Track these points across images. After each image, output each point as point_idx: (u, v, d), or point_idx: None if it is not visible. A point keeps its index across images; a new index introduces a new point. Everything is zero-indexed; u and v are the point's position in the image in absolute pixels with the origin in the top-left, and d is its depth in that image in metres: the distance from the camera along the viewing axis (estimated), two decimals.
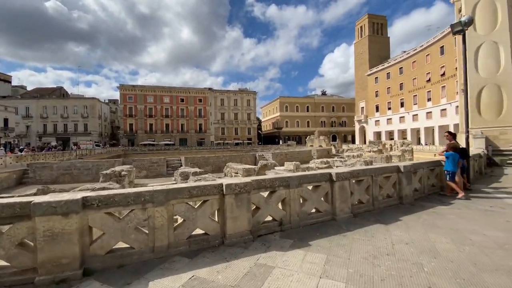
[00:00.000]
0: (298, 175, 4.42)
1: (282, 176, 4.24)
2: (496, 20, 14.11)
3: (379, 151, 35.10)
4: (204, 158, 24.16)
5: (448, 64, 45.63)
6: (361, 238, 3.87)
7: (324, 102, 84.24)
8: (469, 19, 7.74)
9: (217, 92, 74.77)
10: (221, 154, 30.79)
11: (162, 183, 16.75)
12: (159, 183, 17.26)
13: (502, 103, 14.24)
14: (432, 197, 6.58)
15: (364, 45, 69.11)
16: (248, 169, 16.10)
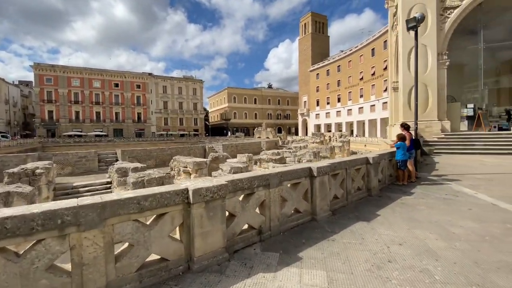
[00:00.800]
0: (279, 171, 3.67)
1: (261, 174, 3.42)
2: (426, 25, 15.90)
3: (321, 142, 37.53)
4: (146, 151, 21.53)
5: (378, 65, 51.34)
6: (352, 242, 3.38)
7: (270, 95, 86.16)
8: (422, 16, 8.13)
9: (158, 78, 68.62)
10: (166, 146, 28.19)
11: (91, 181, 14.06)
12: (88, 180, 14.49)
13: (428, 100, 16.29)
14: (392, 187, 6.74)
15: (308, 41, 72.55)
16: (199, 163, 14.82)
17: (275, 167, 15.28)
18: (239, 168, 12.20)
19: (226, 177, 3.20)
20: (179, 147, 24.56)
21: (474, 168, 9.28)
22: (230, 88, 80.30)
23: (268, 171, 3.59)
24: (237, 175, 3.31)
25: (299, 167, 4.02)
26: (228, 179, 3.09)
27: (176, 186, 2.65)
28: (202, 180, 3.05)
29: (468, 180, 7.19)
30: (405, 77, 16.85)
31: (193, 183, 2.85)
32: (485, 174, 8.03)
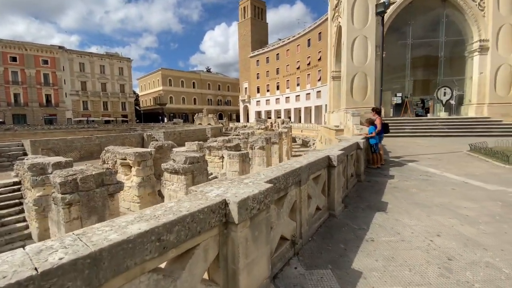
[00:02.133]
0: (308, 163, 2.88)
1: (293, 169, 2.57)
2: (367, 18, 17.10)
3: (265, 129, 38.12)
4: (65, 141, 17.39)
5: (313, 56, 54.57)
6: (392, 240, 2.94)
7: (210, 80, 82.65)
8: (388, 1, 8.25)
9: (73, 54, 57.00)
10: (93, 135, 23.68)
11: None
12: None
13: (367, 88, 17.87)
14: (370, 170, 6.82)
15: (247, 26, 71.54)
16: (143, 154, 12.73)
17: (232, 155, 14.40)
18: (195, 158, 10.89)
19: (259, 176, 2.25)
20: (110, 136, 20.86)
21: (416, 149, 10.43)
22: (165, 69, 73.35)
23: (297, 164, 2.76)
24: (269, 172, 2.38)
25: (320, 156, 3.33)
26: (261, 177, 2.16)
27: (210, 200, 1.58)
28: (221, 182, 2.03)
29: (423, 160, 7.89)
30: (348, 66, 17.95)
31: (224, 188, 1.82)
32: (430, 154, 9.04)
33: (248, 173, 14.96)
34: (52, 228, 7.16)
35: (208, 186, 1.89)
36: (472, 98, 17.77)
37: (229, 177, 9.34)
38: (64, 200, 6.65)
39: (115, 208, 7.88)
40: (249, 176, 2.18)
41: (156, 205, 1.52)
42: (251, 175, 2.25)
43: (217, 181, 2.01)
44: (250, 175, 2.24)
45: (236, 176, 13.06)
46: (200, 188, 1.86)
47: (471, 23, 17.26)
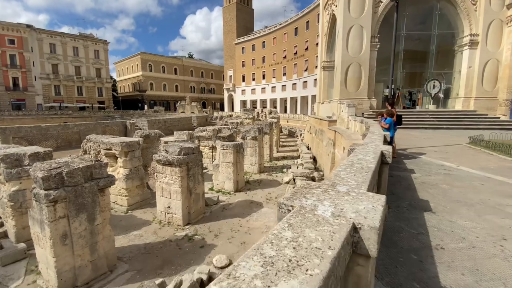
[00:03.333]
0: (376, 162, 2.42)
1: (374, 170, 2.10)
2: (364, 6, 16.76)
3: (253, 119, 37.52)
4: (40, 128, 15.76)
5: (300, 45, 53.96)
6: (463, 247, 2.63)
7: (193, 66, 79.67)
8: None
9: (43, 33, 52.08)
10: (70, 122, 21.85)
11: None
12: None
13: (360, 79, 17.76)
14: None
15: (232, 11, 69.08)
16: (130, 144, 11.78)
17: (226, 146, 13.78)
18: (190, 149, 10.18)
19: (342, 179, 1.75)
20: (89, 124, 19.28)
21: (415, 141, 10.44)
22: (144, 53, 69.45)
23: (372, 164, 2.30)
24: (350, 173, 1.90)
25: (378, 152, 2.90)
26: (352, 183, 1.67)
27: (341, 226, 1.07)
28: (310, 190, 1.52)
29: (430, 153, 7.81)
30: (343, 56, 17.66)
31: (328, 202, 1.31)
32: (432, 146, 9.03)
33: (242, 164, 14.43)
34: (34, 228, 6.28)
35: (302, 199, 1.37)
36: (459, 91, 18.28)
37: (223, 169, 8.89)
38: (49, 197, 5.79)
39: (106, 204, 7.09)
40: (334, 181, 1.68)
41: (267, 238, 0.98)
42: (336, 179, 1.75)
43: (306, 190, 1.49)
44: (335, 179, 1.74)
45: (231, 168, 12.49)
46: (297, 202, 1.33)
47: (463, 17, 17.51)
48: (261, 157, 17.82)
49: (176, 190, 9.48)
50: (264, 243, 0.90)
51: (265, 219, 9.69)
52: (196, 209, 9.97)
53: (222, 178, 13.65)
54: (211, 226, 9.21)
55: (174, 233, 8.77)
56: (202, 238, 8.39)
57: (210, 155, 18.18)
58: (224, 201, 11.77)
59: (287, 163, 19.39)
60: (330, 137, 15.43)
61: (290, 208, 1.25)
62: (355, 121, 12.25)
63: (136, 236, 8.63)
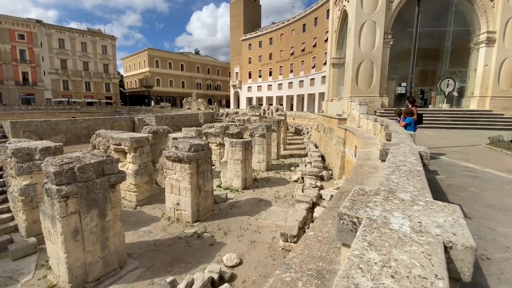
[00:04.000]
0: (421, 165, 2.22)
1: (423, 175, 1.90)
2: (377, 2, 16.31)
3: (259, 116, 37.30)
4: (49, 123, 15.83)
5: (308, 42, 53.26)
6: (507, 257, 2.41)
7: (199, 62, 79.53)
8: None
9: (52, 29, 52.52)
10: (78, 117, 21.97)
11: None
12: None
13: (372, 76, 17.35)
14: None
15: (240, 7, 68.51)
16: (139, 139, 11.75)
17: (234, 143, 13.63)
18: (200, 146, 10.07)
19: (398, 185, 1.56)
20: (98, 119, 19.33)
21: (432, 141, 10.10)
22: (151, 49, 69.55)
23: (419, 166, 2.11)
24: (397, 176, 1.70)
25: (417, 154, 2.69)
26: (411, 189, 1.48)
27: (433, 243, 0.88)
28: (376, 196, 1.33)
29: (450, 153, 7.52)
30: (355, 52, 17.27)
31: (399, 214, 1.12)
32: (451, 147, 8.72)
33: (250, 161, 14.27)
34: (45, 223, 6.24)
35: (367, 209, 1.18)
36: (474, 90, 17.74)
37: (231, 166, 8.72)
38: (60, 193, 5.73)
39: (117, 200, 7.02)
40: (390, 186, 1.49)
41: (351, 262, 0.80)
42: (390, 184, 1.55)
43: (365, 197, 1.30)
44: (389, 184, 1.55)
45: (239, 165, 12.34)
46: (361, 212, 1.14)
47: (479, 13, 16.91)
48: (268, 154, 17.65)
49: (185, 187, 9.39)
50: (351, 268, 0.72)
51: (274, 218, 9.53)
52: (205, 206, 9.87)
53: (230, 175, 13.54)
54: (220, 223, 9.10)
55: (183, 230, 8.69)
56: (211, 235, 8.29)
57: (217, 152, 18.07)
58: (232, 199, 11.66)
59: (295, 161, 19.19)
60: (339, 136, 15.14)
61: (354, 220, 1.07)
62: (368, 120, 11.94)
63: (145, 232, 8.58)
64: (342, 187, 3.87)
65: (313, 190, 10.49)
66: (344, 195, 3.58)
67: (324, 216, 2.87)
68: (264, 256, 7.11)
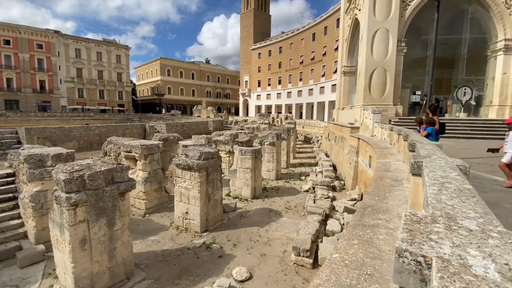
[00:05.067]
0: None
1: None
2: (390, 10, 16.13)
3: (269, 124, 37.19)
4: (63, 129, 16.14)
5: (317, 51, 53.38)
6: None
7: (209, 71, 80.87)
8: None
9: (69, 39, 54.73)
10: (91, 124, 22.41)
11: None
12: None
13: (385, 85, 17.00)
14: None
15: (250, 18, 69.74)
16: (150, 147, 11.72)
17: (244, 151, 13.45)
18: (210, 154, 9.93)
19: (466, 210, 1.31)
20: (110, 126, 19.62)
21: (452, 151, 9.63)
22: (163, 58, 71.30)
23: (468, 184, 1.85)
24: (460, 201, 1.45)
25: (456, 167, 2.42)
26: (475, 215, 1.23)
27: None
28: (442, 229, 1.09)
29: (474, 165, 7.07)
30: (368, 60, 17.01)
31: (477, 252, 0.88)
32: (473, 158, 8.26)
33: (260, 170, 14.01)
34: (54, 231, 6.15)
35: (432, 244, 0.94)
36: (493, 99, 17.09)
37: (241, 175, 8.41)
38: (70, 200, 5.64)
39: (126, 209, 6.89)
40: (446, 210, 1.24)
41: None
42: (444, 206, 1.31)
43: (423, 226, 1.07)
44: (444, 207, 1.30)
45: (249, 174, 12.11)
46: (426, 248, 0.91)
47: (496, 21, 16.45)
48: (278, 163, 17.36)
49: (194, 195, 9.22)
50: None
51: (285, 230, 9.19)
52: (214, 216, 9.65)
53: (239, 184, 13.31)
54: (229, 234, 8.83)
55: (191, 240, 8.47)
56: (220, 247, 8.02)
57: (227, 160, 17.93)
58: (242, 208, 11.39)
59: (305, 170, 18.81)
60: (352, 145, 14.75)
61: (420, 259, 0.84)
62: (383, 128, 11.58)
63: (153, 241, 8.40)
64: (364, 201, 3.58)
65: (325, 201, 10.12)
66: (367, 210, 3.30)
67: (349, 236, 2.61)
68: (275, 270, 6.78)
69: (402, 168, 5.47)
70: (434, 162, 2.51)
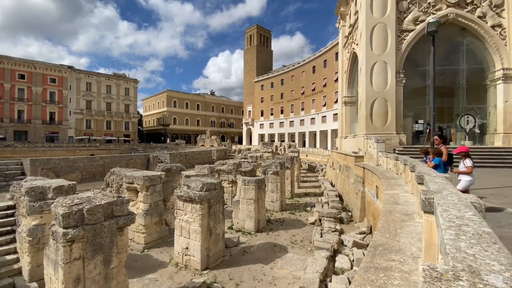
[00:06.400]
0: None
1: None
2: (387, 43, 16.91)
3: (272, 152, 37.17)
4: (67, 161, 16.26)
5: (318, 82, 55.24)
6: None
7: (214, 102, 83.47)
8: (439, 22, 7.69)
9: (81, 73, 57.78)
10: (96, 154, 22.62)
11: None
12: None
13: (387, 114, 17.18)
14: None
15: (253, 53, 73.64)
16: (152, 178, 11.62)
17: (247, 181, 13.25)
18: (212, 185, 9.76)
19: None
20: (114, 156, 19.76)
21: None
22: (170, 91, 74.21)
23: (486, 227, 1.71)
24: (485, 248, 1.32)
25: (469, 205, 2.28)
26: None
27: None
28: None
29: (487, 196, 6.81)
30: (368, 91, 17.42)
31: None
32: (484, 189, 7.98)
33: (263, 201, 13.64)
34: (48, 268, 5.84)
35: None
36: (497, 127, 17.03)
37: (244, 206, 8.13)
38: (66, 236, 5.42)
39: (123, 245, 6.59)
40: (467, 262, 1.11)
41: None
42: (465, 257, 1.18)
43: (444, 285, 0.94)
44: (464, 257, 1.17)
45: (252, 205, 11.77)
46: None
47: (492, 52, 17.05)
48: (282, 193, 16.97)
49: (195, 229, 8.87)
50: None
51: (291, 267, 8.64)
52: (215, 252, 9.18)
53: (242, 216, 12.89)
54: (232, 272, 8.31)
55: (191, 279, 7.96)
56: (222, 287, 7.49)
57: (229, 190, 17.62)
58: (245, 243, 10.87)
59: (310, 200, 18.30)
60: (357, 174, 14.49)
61: None
62: (387, 158, 11.42)
63: (151, 280, 7.91)
64: (374, 239, 3.36)
65: (333, 235, 9.64)
66: (378, 250, 3.08)
67: (361, 281, 2.39)
68: None
69: (411, 201, 5.25)
70: (446, 199, 2.37)
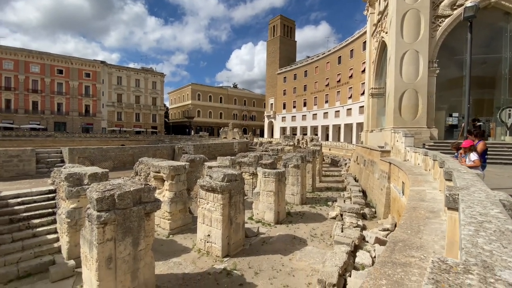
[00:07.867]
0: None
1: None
2: (419, 31, 15.79)
3: (293, 146, 36.83)
4: (101, 150, 17.48)
5: (343, 73, 53.22)
6: None
7: (236, 95, 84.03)
8: (477, 6, 7.06)
9: (112, 68, 60.98)
10: (127, 144, 23.98)
11: (26, 190, 9.96)
12: (22, 188, 10.30)
13: (417, 106, 16.19)
14: None
15: (276, 44, 72.51)
16: (177, 168, 12.11)
17: (268, 174, 13.35)
18: (233, 176, 9.97)
19: None
20: (143, 147, 20.84)
21: (498, 181, 8.69)
22: (195, 84, 75.88)
23: None
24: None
25: (497, 202, 2.16)
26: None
27: None
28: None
29: None
30: (397, 82, 16.50)
31: None
32: None
33: (283, 194, 13.68)
34: (84, 248, 6.42)
35: None
36: None
37: (264, 198, 8.18)
38: (100, 219, 5.92)
39: (150, 229, 7.04)
40: (481, 257, 1.08)
41: None
42: (481, 253, 1.14)
43: (452, 277, 0.94)
44: (479, 253, 1.14)
45: (272, 197, 11.87)
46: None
47: None
48: (303, 187, 16.87)
49: (217, 218, 9.19)
50: None
51: (310, 260, 8.66)
52: (235, 240, 9.46)
53: (262, 207, 13.06)
54: (251, 261, 8.53)
55: (212, 264, 8.31)
56: (241, 274, 7.74)
57: (250, 182, 17.85)
58: (264, 234, 11.05)
59: (332, 195, 18.01)
60: (383, 170, 13.95)
61: None
62: (416, 153, 10.86)
63: (175, 263, 8.38)
64: (395, 235, 3.29)
65: (354, 230, 9.46)
66: (398, 246, 3.01)
67: (376, 274, 2.37)
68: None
69: (439, 198, 4.99)
70: (472, 196, 2.24)
